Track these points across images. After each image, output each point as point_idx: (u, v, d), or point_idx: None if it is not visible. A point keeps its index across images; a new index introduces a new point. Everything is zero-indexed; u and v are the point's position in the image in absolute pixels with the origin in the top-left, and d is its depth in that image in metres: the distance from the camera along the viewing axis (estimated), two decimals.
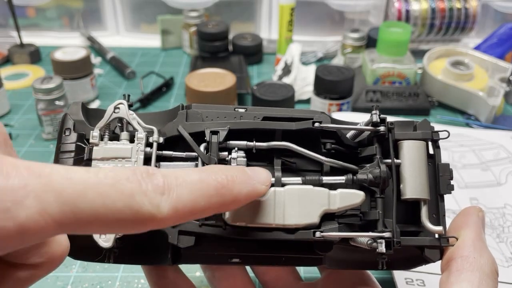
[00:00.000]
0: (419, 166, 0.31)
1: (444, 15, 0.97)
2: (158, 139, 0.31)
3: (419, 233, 0.32)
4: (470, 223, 0.31)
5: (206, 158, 0.31)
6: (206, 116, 0.32)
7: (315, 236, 0.30)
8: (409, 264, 0.34)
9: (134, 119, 0.31)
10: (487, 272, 0.28)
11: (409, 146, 0.32)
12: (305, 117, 0.32)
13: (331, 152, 0.33)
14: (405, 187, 0.31)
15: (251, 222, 0.29)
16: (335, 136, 0.33)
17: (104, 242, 0.29)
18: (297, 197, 0.30)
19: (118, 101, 0.31)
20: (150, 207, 0.20)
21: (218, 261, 0.33)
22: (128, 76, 0.90)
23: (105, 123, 0.31)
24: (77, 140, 0.31)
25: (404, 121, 0.34)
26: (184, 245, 0.30)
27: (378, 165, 0.30)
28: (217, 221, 0.30)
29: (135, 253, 0.32)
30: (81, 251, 0.31)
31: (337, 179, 0.31)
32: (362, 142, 0.33)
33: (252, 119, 0.32)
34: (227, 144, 0.31)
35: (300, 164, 0.33)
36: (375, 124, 0.32)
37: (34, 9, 1.04)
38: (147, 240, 0.32)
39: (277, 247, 0.32)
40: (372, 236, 0.30)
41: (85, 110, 0.33)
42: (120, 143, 0.31)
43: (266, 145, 0.32)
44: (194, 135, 0.31)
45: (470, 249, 0.29)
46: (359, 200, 0.30)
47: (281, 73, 0.86)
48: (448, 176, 0.32)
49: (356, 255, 0.34)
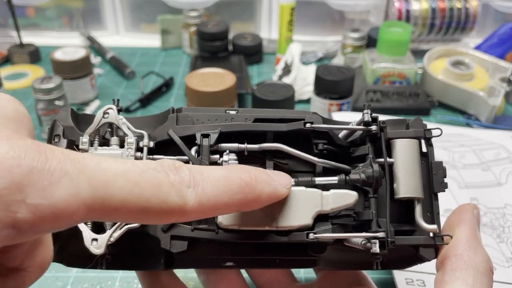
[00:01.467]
0: (412, 165, 0.31)
1: (445, 15, 0.97)
2: (149, 143, 0.31)
3: (413, 232, 0.32)
4: (465, 220, 0.31)
5: (197, 162, 0.30)
6: (197, 119, 0.32)
7: (308, 238, 0.29)
8: (404, 263, 0.33)
9: (123, 124, 0.31)
10: (482, 270, 0.28)
11: (402, 145, 0.31)
12: (297, 118, 0.32)
13: (323, 152, 0.32)
14: (398, 186, 0.31)
15: (243, 225, 0.29)
16: (327, 137, 0.32)
17: (95, 249, 0.28)
18: (290, 199, 0.29)
19: (107, 106, 0.31)
20: (177, 198, 0.21)
21: (211, 265, 0.32)
22: (128, 76, 0.90)
23: (94, 129, 0.30)
24: (67, 146, 0.30)
25: (396, 120, 0.33)
26: (177, 250, 0.30)
27: (371, 165, 0.30)
28: (209, 225, 0.30)
29: (128, 259, 0.32)
30: (73, 258, 0.31)
31: (329, 179, 0.31)
32: (355, 141, 0.33)
33: (243, 121, 0.32)
34: (219, 147, 0.31)
35: (292, 165, 0.33)
36: (367, 124, 0.31)
37: (34, 9, 1.04)
38: (140, 245, 0.32)
39: (271, 249, 0.31)
40: (366, 237, 0.29)
41: (74, 116, 0.32)
42: (110, 148, 0.31)
43: (258, 147, 0.31)
44: (185, 139, 0.31)
45: (465, 247, 0.29)
46: (352, 200, 0.30)
47: (281, 73, 0.86)
48: (442, 174, 0.32)
49: (350, 256, 0.34)
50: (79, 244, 0.29)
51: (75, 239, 0.29)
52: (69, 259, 0.31)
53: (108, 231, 0.29)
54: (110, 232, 0.29)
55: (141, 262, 0.32)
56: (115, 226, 0.29)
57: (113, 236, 0.29)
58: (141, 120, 0.33)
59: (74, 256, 0.31)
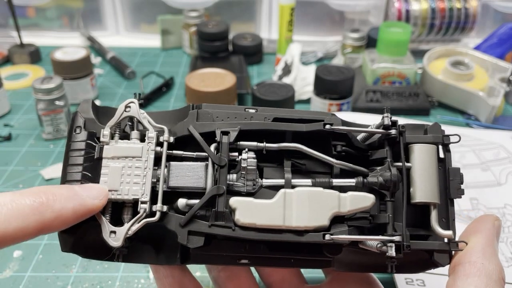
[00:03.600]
0: (430, 170, 0.31)
1: (444, 15, 0.97)
2: (169, 138, 0.31)
3: (428, 237, 0.32)
4: (483, 229, 0.31)
5: (217, 159, 0.30)
6: (217, 116, 0.32)
7: (325, 238, 0.29)
8: (418, 267, 0.33)
9: (145, 118, 0.31)
10: (495, 279, 0.28)
11: (420, 150, 0.32)
12: (316, 119, 0.32)
13: (341, 154, 0.32)
14: (415, 190, 0.31)
15: (260, 223, 0.29)
16: (346, 139, 0.32)
17: (113, 241, 0.29)
18: (307, 199, 0.29)
19: (129, 99, 0.31)
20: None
21: (226, 262, 0.32)
22: (128, 76, 0.90)
23: (115, 122, 0.31)
24: (88, 138, 0.31)
25: (415, 125, 0.34)
26: (194, 245, 0.30)
27: (389, 168, 0.30)
28: (226, 222, 0.30)
29: (144, 253, 0.32)
30: (89, 250, 0.31)
31: (347, 181, 0.31)
32: (373, 144, 0.33)
33: (263, 120, 0.32)
34: (238, 145, 0.31)
35: (310, 166, 0.33)
36: (386, 127, 0.31)
37: (34, 9, 1.04)
38: (157, 239, 0.32)
39: (286, 249, 0.31)
40: (382, 240, 0.29)
41: (95, 108, 0.33)
42: (131, 142, 0.31)
43: (277, 146, 0.32)
44: (204, 135, 0.31)
45: (479, 254, 0.29)
46: (370, 203, 0.30)
47: (281, 73, 0.86)
48: (459, 181, 0.32)
49: (364, 258, 0.34)
50: (96, 236, 0.29)
51: (92, 231, 0.30)
52: (86, 250, 0.31)
53: (127, 224, 0.29)
54: (129, 225, 0.29)
55: (157, 256, 0.32)
56: (134, 219, 0.29)
57: (131, 229, 0.29)
58: (162, 115, 0.34)
59: (90, 248, 0.31)
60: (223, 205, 0.30)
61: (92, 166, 0.30)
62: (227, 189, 0.30)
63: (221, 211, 0.30)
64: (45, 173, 0.63)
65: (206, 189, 0.30)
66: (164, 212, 0.30)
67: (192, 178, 0.31)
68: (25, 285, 0.47)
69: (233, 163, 0.31)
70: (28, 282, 0.48)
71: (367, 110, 0.77)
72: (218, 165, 0.30)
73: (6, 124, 0.74)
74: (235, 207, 0.29)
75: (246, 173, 0.31)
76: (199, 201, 0.30)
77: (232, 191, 0.31)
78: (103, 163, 0.30)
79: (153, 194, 0.30)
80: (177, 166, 0.31)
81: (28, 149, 0.69)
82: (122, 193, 0.30)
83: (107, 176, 0.30)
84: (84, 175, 0.30)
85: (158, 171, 0.30)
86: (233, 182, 0.31)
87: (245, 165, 0.31)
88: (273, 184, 0.31)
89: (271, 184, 0.31)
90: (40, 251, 0.51)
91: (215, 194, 0.30)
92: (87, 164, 0.30)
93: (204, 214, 0.30)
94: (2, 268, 0.49)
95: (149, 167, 0.30)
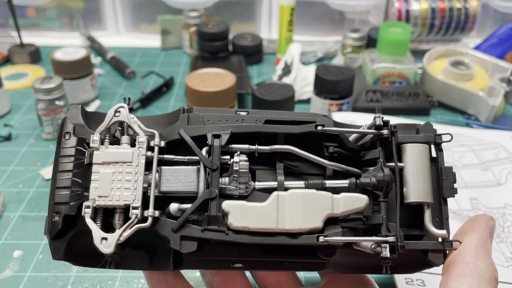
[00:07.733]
0: (422, 170, 0.31)
1: (444, 15, 0.97)
2: (160, 143, 0.30)
3: (422, 237, 0.32)
4: (476, 229, 0.31)
5: (208, 162, 0.30)
6: (208, 120, 0.32)
7: (318, 240, 0.29)
8: (413, 268, 0.33)
9: (135, 123, 0.31)
10: (487, 278, 0.28)
11: (412, 150, 0.31)
12: (308, 120, 0.32)
13: (334, 155, 0.32)
14: (408, 190, 0.31)
15: (253, 226, 0.29)
16: (338, 140, 0.32)
17: (105, 248, 0.28)
18: (300, 201, 0.29)
19: (119, 104, 0.31)
20: None
21: (220, 266, 0.32)
22: (128, 76, 0.90)
23: (105, 127, 0.30)
24: (77, 144, 0.30)
25: (407, 124, 0.33)
26: (186, 250, 0.29)
27: (382, 169, 0.30)
28: (219, 226, 0.29)
29: (136, 259, 0.32)
30: (81, 257, 0.31)
31: (340, 182, 0.31)
32: (365, 145, 0.33)
33: (254, 122, 0.32)
34: (229, 148, 0.31)
35: (302, 167, 0.33)
36: (378, 127, 0.31)
37: (34, 9, 1.04)
38: (149, 245, 0.32)
39: (280, 251, 0.31)
40: (376, 241, 0.29)
41: (84, 114, 0.32)
42: (121, 147, 0.31)
43: (269, 148, 0.31)
44: (195, 139, 0.31)
45: (472, 254, 0.29)
46: (363, 204, 0.30)
47: (281, 73, 0.86)
48: (451, 180, 0.32)
49: (359, 259, 0.33)
50: (88, 243, 0.29)
51: (84, 238, 0.29)
52: (78, 258, 0.31)
53: (118, 230, 0.29)
54: (120, 231, 0.28)
55: (149, 262, 0.32)
56: (125, 225, 0.29)
57: (122, 235, 0.28)
58: (152, 119, 0.33)
59: (82, 255, 0.30)
60: (216, 209, 0.29)
61: (83, 172, 0.30)
62: (220, 193, 0.30)
63: (213, 215, 0.29)
64: (45, 173, 0.63)
65: (198, 193, 0.30)
66: (156, 217, 0.29)
67: (184, 182, 0.30)
68: (25, 285, 0.47)
69: (225, 166, 0.31)
70: (28, 282, 0.48)
71: (367, 110, 0.77)
72: (210, 169, 0.30)
73: (6, 124, 0.74)
74: (227, 211, 0.29)
75: (238, 176, 0.30)
76: (191, 206, 0.29)
77: (225, 194, 0.30)
78: (93, 169, 0.30)
79: (144, 199, 0.30)
80: (169, 171, 0.31)
81: (28, 149, 0.69)
82: (113, 199, 0.29)
83: (97, 182, 0.29)
84: (74, 182, 0.29)
85: (149, 176, 0.30)
86: (226, 186, 0.30)
87: (237, 168, 0.30)
88: (266, 187, 0.31)
89: (264, 186, 0.31)
90: (40, 251, 0.51)
91: (208, 198, 0.29)
92: (77, 170, 0.30)
93: (197, 219, 0.30)
94: (2, 268, 0.49)
95: (140, 172, 0.30)
